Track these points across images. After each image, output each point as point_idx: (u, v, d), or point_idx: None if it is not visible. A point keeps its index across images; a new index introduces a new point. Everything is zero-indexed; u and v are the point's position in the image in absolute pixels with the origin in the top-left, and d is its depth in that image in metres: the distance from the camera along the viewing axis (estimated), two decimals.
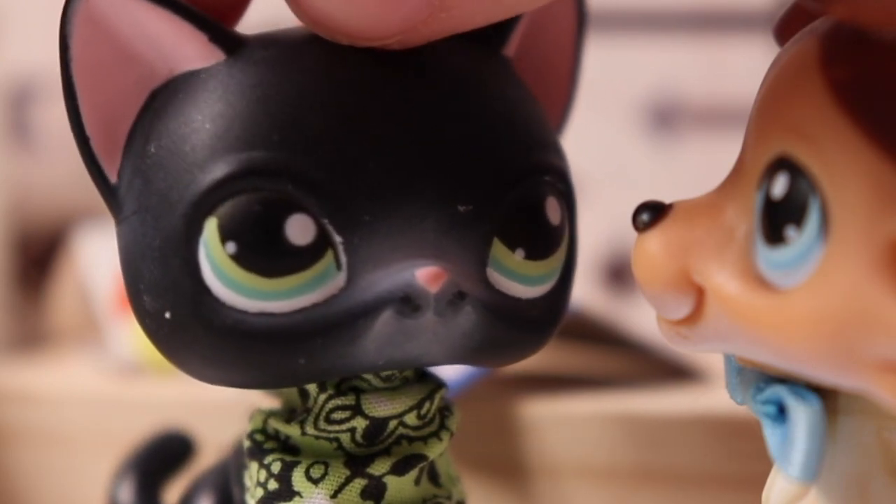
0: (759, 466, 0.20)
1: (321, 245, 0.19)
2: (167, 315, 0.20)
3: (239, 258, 0.19)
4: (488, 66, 0.22)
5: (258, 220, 0.19)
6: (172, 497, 0.27)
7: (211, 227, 0.19)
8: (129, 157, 0.21)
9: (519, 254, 0.21)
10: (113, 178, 0.21)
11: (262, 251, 0.19)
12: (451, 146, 0.20)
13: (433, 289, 0.19)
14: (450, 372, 0.30)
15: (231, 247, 0.19)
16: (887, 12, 0.16)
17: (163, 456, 0.29)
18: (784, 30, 0.19)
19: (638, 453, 0.30)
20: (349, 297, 0.19)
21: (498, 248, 0.20)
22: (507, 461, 0.31)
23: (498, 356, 0.22)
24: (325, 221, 0.19)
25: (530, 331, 0.21)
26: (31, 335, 0.48)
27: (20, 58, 0.54)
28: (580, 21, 0.24)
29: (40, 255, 0.50)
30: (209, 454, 0.28)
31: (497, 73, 0.22)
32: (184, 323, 0.20)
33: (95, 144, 0.20)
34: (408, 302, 0.19)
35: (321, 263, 0.19)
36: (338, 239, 0.19)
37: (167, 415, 0.33)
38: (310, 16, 0.19)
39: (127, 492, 0.28)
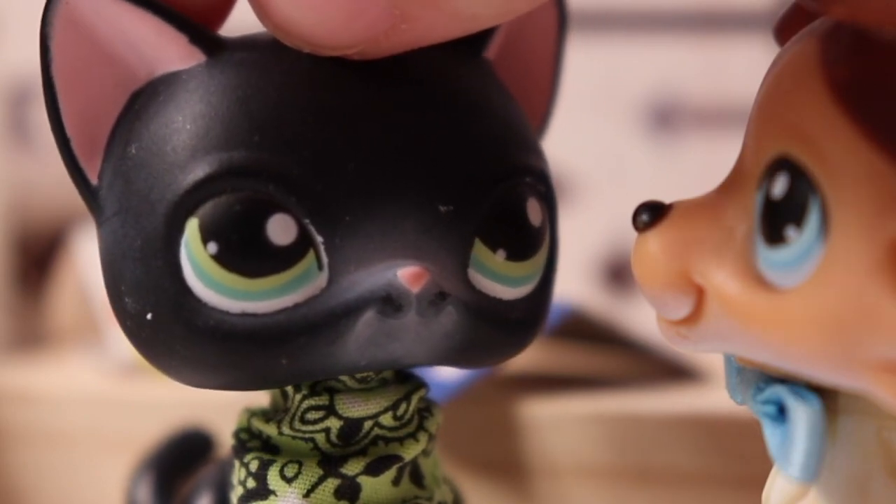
0: (759, 466, 0.20)
1: (302, 245, 0.19)
2: (148, 316, 0.20)
3: (220, 258, 0.19)
4: (468, 69, 0.22)
5: (239, 220, 0.19)
6: None
7: (192, 228, 0.19)
8: (110, 158, 0.21)
9: (500, 254, 0.21)
10: (94, 179, 0.21)
11: (243, 251, 0.19)
12: (431, 147, 0.20)
13: (415, 288, 0.19)
14: (447, 374, 0.30)
15: (212, 247, 0.19)
16: (887, 12, 0.16)
17: (182, 454, 0.28)
18: (784, 30, 0.19)
19: (638, 453, 0.30)
20: (331, 298, 0.19)
21: (479, 249, 0.20)
22: (507, 461, 0.31)
23: (479, 357, 0.22)
24: (307, 221, 0.19)
25: (511, 332, 0.21)
26: (31, 335, 0.48)
27: (20, 58, 0.54)
28: (561, 24, 0.24)
29: (40, 255, 0.50)
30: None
31: (477, 76, 0.22)
32: (165, 324, 0.20)
33: (76, 146, 0.21)
34: (390, 302, 0.19)
35: (302, 264, 0.19)
36: (319, 239, 0.19)
37: (167, 415, 0.33)
38: (274, 22, 0.19)
39: (145, 490, 0.28)
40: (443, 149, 0.20)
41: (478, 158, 0.20)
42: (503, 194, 0.21)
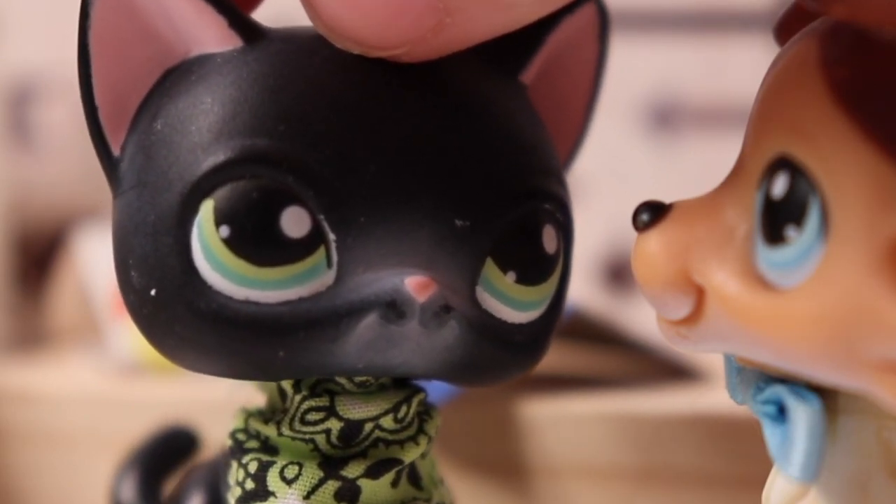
0: (759, 466, 0.20)
1: (314, 240, 0.19)
2: (152, 292, 0.20)
3: (231, 243, 0.19)
4: (503, 89, 0.22)
5: (254, 207, 0.19)
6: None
7: (206, 209, 0.19)
8: (135, 132, 0.21)
9: (510, 276, 0.21)
10: (116, 151, 0.21)
11: (254, 238, 0.19)
12: (455, 160, 0.20)
13: (421, 298, 0.19)
14: None
15: (224, 230, 0.19)
16: (887, 12, 0.16)
17: (167, 452, 0.28)
18: (784, 30, 0.19)
19: (638, 453, 0.30)
20: (336, 296, 0.19)
21: (490, 268, 0.20)
22: (507, 461, 0.31)
23: (477, 375, 0.22)
24: (321, 217, 0.19)
25: (512, 355, 0.21)
26: (31, 335, 0.48)
27: (20, 58, 0.54)
28: (600, 61, 0.24)
29: (40, 255, 0.50)
30: (209, 454, 0.28)
31: (510, 98, 0.22)
32: (167, 302, 0.20)
33: (103, 115, 0.21)
34: (393, 308, 0.19)
35: (312, 258, 0.19)
36: (332, 236, 0.19)
37: (167, 415, 0.33)
38: (323, 22, 0.20)
39: (129, 488, 0.28)
40: (466, 163, 0.20)
41: (500, 177, 0.20)
42: (521, 216, 0.21)
